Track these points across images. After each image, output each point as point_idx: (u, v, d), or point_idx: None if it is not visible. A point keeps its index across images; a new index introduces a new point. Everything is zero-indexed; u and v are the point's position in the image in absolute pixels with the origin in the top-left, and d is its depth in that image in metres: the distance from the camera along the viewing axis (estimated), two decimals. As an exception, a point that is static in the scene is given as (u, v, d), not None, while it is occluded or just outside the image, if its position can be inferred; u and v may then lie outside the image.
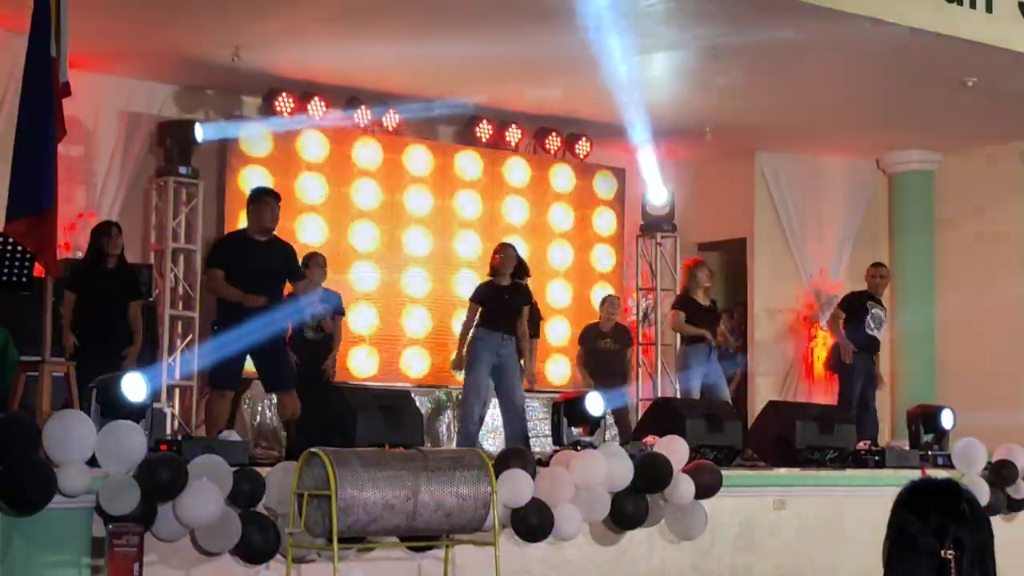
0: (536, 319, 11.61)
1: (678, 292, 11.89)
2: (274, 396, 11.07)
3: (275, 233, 8.99)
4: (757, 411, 11.36)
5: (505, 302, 10.69)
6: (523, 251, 12.69)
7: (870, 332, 11.87)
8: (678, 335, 12.26)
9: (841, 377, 11.98)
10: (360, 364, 12.52)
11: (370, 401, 8.11)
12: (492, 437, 11.92)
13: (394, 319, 12.82)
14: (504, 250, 10.88)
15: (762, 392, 14.05)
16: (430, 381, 12.84)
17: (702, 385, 11.54)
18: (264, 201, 8.92)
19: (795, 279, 14.88)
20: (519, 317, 10.71)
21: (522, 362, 10.84)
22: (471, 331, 10.68)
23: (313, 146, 12.46)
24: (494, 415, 11.42)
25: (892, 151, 14.86)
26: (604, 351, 12.38)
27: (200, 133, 11.64)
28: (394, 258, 12.86)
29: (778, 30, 10.52)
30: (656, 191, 14.04)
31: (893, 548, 3.06)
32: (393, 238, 12.85)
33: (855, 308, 11.90)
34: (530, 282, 12.16)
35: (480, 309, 10.69)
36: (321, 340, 10.64)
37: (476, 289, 10.97)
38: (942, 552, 2.98)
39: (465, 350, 10.67)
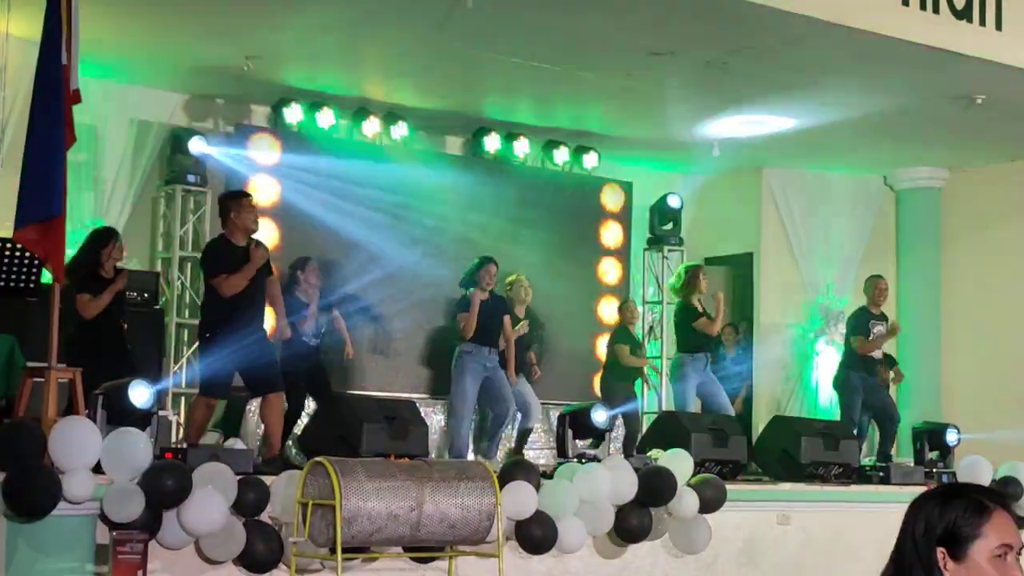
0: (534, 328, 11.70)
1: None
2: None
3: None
4: (762, 426, 11.36)
5: (486, 314, 10.78)
6: (529, 264, 12.73)
7: (871, 355, 11.85)
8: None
9: (840, 394, 11.96)
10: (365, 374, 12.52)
11: (375, 411, 8.11)
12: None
13: (400, 329, 12.81)
14: (489, 267, 10.96)
15: (767, 407, 14.04)
16: (434, 392, 12.83)
17: (700, 394, 11.57)
18: (244, 204, 8.86)
19: (801, 294, 14.88)
20: (502, 327, 10.83)
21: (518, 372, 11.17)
22: (458, 346, 10.80)
23: (321, 156, 12.45)
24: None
25: (900, 168, 14.86)
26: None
27: (195, 147, 11.61)
28: (398, 269, 12.84)
29: (786, 46, 10.54)
30: (664, 207, 14.11)
31: (912, 540, 3.00)
32: (400, 248, 12.83)
33: (863, 327, 11.86)
34: (536, 294, 12.23)
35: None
36: (321, 345, 10.58)
37: (463, 299, 10.98)
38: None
39: (453, 365, 10.81)
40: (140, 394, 7.21)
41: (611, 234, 14.19)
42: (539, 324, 12.32)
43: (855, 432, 11.44)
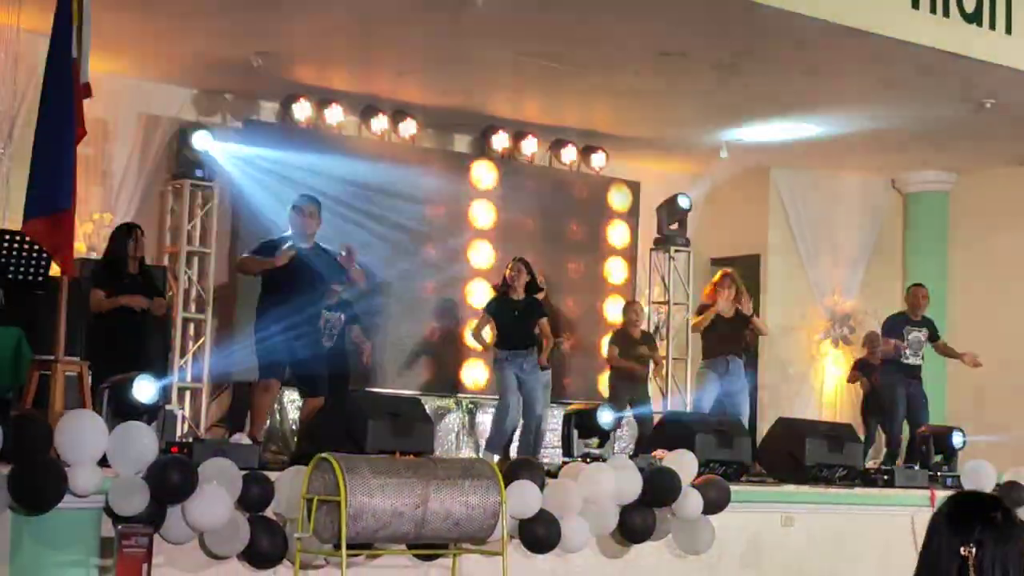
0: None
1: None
2: (284, 399, 11.20)
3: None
4: (767, 427, 11.35)
5: (515, 318, 10.80)
6: (536, 263, 12.72)
7: (905, 360, 11.87)
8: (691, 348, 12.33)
9: (883, 395, 12.01)
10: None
11: (381, 408, 8.12)
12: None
13: (406, 327, 12.82)
14: (515, 265, 10.98)
15: (772, 409, 14.03)
16: (438, 389, 12.85)
17: (719, 395, 11.56)
18: (296, 209, 9.21)
19: (808, 296, 14.87)
20: (534, 330, 10.80)
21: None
22: (492, 350, 10.92)
23: (329, 152, 12.44)
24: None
25: (907, 171, 14.85)
26: (641, 357, 12.39)
27: (199, 141, 11.60)
28: (407, 267, 12.85)
29: (796, 49, 10.53)
30: (671, 207, 14.13)
31: (923, 551, 3.13)
32: (407, 247, 12.85)
33: (894, 334, 11.90)
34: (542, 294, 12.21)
35: (492, 322, 10.85)
36: (334, 347, 10.56)
37: (489, 300, 11.19)
38: (962, 549, 3.05)
39: (491, 369, 10.85)
40: (145, 389, 7.21)
41: (618, 234, 14.18)
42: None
43: (898, 440, 11.55)
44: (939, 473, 10.42)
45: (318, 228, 9.25)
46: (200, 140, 11.52)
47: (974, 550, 3.06)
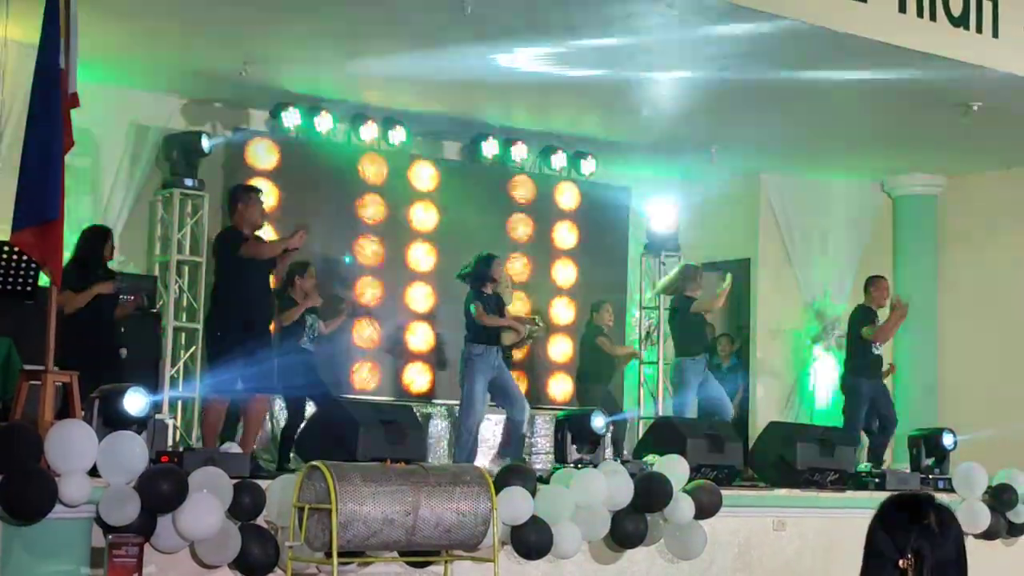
0: None
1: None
2: (276, 409, 11.17)
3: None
4: (758, 431, 11.37)
5: (495, 314, 10.83)
6: (528, 268, 12.78)
7: (876, 351, 11.84)
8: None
9: (847, 399, 11.94)
10: (362, 378, 12.53)
11: (372, 415, 8.11)
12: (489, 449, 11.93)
13: (397, 334, 12.82)
14: (497, 259, 11.03)
15: (763, 413, 14.05)
16: (432, 396, 12.85)
17: (703, 399, 11.55)
18: (252, 198, 9.09)
19: (798, 300, 14.89)
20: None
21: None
22: (466, 348, 10.77)
23: (319, 160, 12.45)
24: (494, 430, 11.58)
25: (896, 175, 14.87)
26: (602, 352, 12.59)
27: (206, 143, 11.70)
28: (398, 273, 12.87)
29: (784, 51, 10.55)
30: (661, 212, 14.16)
31: (864, 558, 3.14)
32: (397, 253, 12.86)
33: (870, 318, 11.88)
34: (534, 299, 12.25)
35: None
36: (316, 351, 10.60)
37: (483, 300, 10.89)
38: (900, 561, 3.05)
39: (464, 364, 10.75)
40: (136, 402, 7.20)
41: (608, 239, 14.17)
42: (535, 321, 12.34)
43: (856, 439, 11.47)
44: (931, 476, 10.43)
45: (260, 218, 9.09)
46: (208, 145, 11.68)
47: (912, 560, 3.06)
